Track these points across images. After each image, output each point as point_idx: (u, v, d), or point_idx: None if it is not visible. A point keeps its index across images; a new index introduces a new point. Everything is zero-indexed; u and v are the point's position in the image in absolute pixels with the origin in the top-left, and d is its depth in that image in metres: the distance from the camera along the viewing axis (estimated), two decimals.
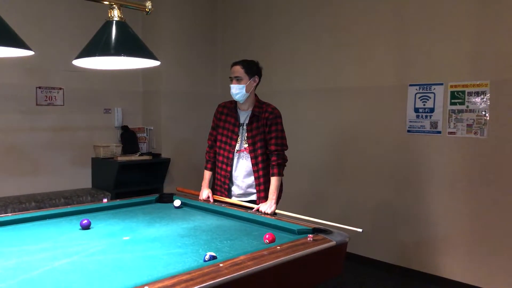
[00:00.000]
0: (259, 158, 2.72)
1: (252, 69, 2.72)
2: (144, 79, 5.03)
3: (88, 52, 1.98)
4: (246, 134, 2.74)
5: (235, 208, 2.57)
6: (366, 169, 4.02)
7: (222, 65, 5.30)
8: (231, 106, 2.83)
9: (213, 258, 1.67)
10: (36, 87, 4.21)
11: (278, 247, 1.79)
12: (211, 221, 2.41)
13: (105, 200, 2.70)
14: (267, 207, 2.57)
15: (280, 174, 2.68)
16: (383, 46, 3.86)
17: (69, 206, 2.59)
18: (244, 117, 2.78)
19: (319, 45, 4.32)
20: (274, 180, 2.66)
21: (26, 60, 4.02)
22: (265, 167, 2.74)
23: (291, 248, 1.80)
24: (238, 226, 2.31)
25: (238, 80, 2.68)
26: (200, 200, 2.82)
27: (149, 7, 2.18)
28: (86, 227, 2.19)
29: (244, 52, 4.98)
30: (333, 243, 1.92)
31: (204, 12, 5.16)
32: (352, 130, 4.10)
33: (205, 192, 2.85)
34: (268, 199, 2.63)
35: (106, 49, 1.96)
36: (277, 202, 2.66)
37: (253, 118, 2.73)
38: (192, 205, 2.74)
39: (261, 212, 2.55)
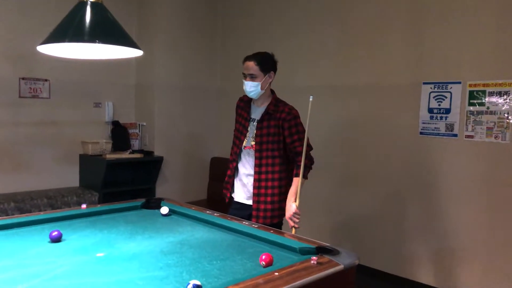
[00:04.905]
0: (263, 161, 2.50)
1: (268, 64, 2.50)
2: (137, 71, 4.74)
3: (56, 37, 1.69)
4: (255, 132, 2.53)
5: (228, 219, 2.29)
6: (374, 173, 3.74)
7: (222, 56, 5.01)
8: (247, 99, 2.65)
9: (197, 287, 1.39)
10: (20, 78, 3.92)
11: (276, 273, 1.52)
12: (200, 233, 2.14)
13: (83, 206, 2.42)
14: (287, 214, 2.46)
15: (304, 176, 2.49)
16: (395, 40, 3.58)
17: (42, 213, 2.32)
18: (257, 113, 2.58)
19: (326, 39, 4.03)
20: (295, 181, 2.48)
21: (7, 49, 3.79)
22: (269, 172, 2.50)
23: (291, 274, 1.52)
24: (230, 240, 2.03)
25: (252, 77, 2.46)
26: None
27: None
28: (56, 239, 1.92)
29: (245, 42, 4.70)
30: (340, 267, 1.64)
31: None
32: (359, 131, 3.83)
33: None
34: (287, 200, 2.48)
35: (78, 34, 1.68)
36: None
37: (265, 115, 2.52)
38: (181, 212, 2.46)
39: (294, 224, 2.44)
